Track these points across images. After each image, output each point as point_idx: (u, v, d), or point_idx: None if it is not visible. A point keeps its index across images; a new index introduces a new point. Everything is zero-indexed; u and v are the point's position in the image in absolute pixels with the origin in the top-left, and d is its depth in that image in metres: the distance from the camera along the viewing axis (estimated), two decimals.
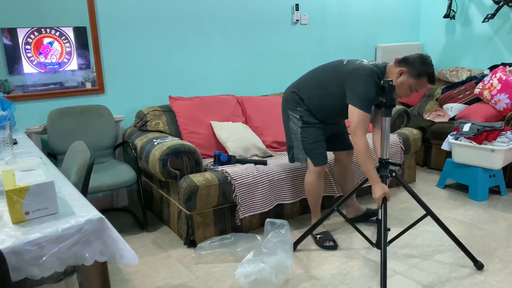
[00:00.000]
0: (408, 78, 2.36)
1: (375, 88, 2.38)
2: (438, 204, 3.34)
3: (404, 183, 2.43)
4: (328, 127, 2.72)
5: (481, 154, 3.30)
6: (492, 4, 4.30)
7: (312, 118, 2.64)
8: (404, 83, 2.38)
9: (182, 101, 3.35)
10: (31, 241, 1.25)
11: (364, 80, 2.38)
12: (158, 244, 2.83)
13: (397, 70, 2.40)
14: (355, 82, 2.40)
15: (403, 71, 2.38)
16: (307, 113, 2.63)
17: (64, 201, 1.50)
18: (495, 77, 3.87)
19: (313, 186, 2.73)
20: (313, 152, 2.67)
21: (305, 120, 2.64)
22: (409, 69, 2.36)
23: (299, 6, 4.08)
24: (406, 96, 2.48)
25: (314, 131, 2.64)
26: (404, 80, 2.37)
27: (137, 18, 3.35)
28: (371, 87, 2.37)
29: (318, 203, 2.78)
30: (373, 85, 2.38)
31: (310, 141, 2.65)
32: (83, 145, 2.02)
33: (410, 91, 2.40)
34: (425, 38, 5.07)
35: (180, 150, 2.73)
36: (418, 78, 2.35)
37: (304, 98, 2.64)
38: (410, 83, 2.37)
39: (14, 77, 2.98)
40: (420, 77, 2.34)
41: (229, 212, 2.81)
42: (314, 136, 2.64)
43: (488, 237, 2.79)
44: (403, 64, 2.40)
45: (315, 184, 2.72)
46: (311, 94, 2.62)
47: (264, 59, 4.02)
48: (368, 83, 2.38)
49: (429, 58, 2.38)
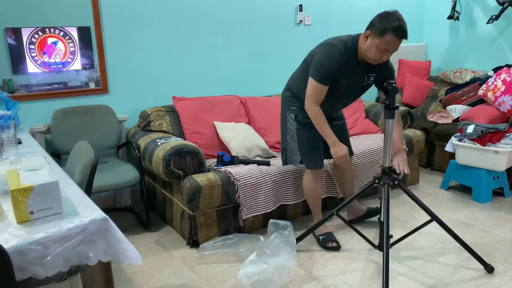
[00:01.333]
0: (373, 38, 2.28)
1: (336, 58, 2.35)
2: (442, 205, 3.33)
3: (408, 190, 2.41)
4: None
5: (485, 156, 3.29)
6: (496, 5, 4.28)
7: (306, 116, 2.58)
8: (371, 46, 2.30)
9: (185, 101, 3.35)
10: (35, 240, 1.25)
11: (323, 50, 2.40)
12: (161, 244, 2.83)
13: (363, 36, 2.34)
14: (317, 54, 2.43)
15: (367, 34, 2.32)
16: (301, 110, 2.60)
17: (68, 201, 1.51)
18: (499, 79, 3.85)
19: (310, 187, 2.73)
20: (307, 155, 2.67)
21: (299, 121, 2.63)
22: (372, 29, 2.30)
23: (302, 7, 4.08)
24: (380, 60, 2.35)
25: (309, 132, 2.60)
26: (370, 43, 2.30)
27: (141, 18, 3.35)
28: (330, 57, 2.36)
29: (318, 204, 2.78)
30: (334, 55, 2.35)
31: (305, 143, 2.64)
32: (87, 145, 2.02)
33: (380, 52, 2.29)
34: (429, 39, 5.06)
35: (183, 151, 2.73)
36: (382, 36, 2.24)
37: (295, 93, 2.62)
38: (376, 43, 2.27)
39: (18, 77, 2.99)
40: (384, 33, 2.23)
41: (232, 212, 2.82)
42: (309, 139, 2.62)
43: (491, 239, 2.78)
44: (368, 27, 2.34)
45: (312, 186, 2.72)
46: (299, 86, 2.60)
47: (267, 60, 4.02)
48: (327, 53, 2.37)
49: (393, 13, 2.26)
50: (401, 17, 2.26)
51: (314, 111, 2.46)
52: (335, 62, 2.36)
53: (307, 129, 2.60)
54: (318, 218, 2.75)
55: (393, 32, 2.22)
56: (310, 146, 2.64)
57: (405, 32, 2.24)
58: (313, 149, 2.65)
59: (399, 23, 2.23)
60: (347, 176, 2.93)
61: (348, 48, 2.39)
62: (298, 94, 2.60)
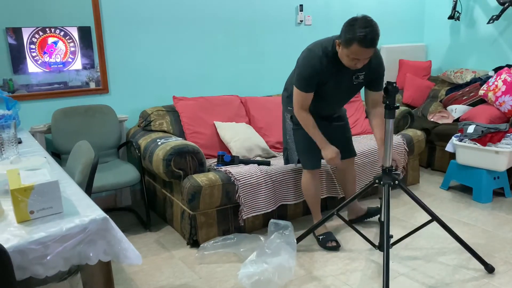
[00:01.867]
0: (342, 48, 2.25)
1: (314, 66, 2.35)
2: (442, 206, 3.33)
3: (408, 190, 2.41)
4: (323, 123, 2.61)
5: (486, 156, 3.29)
6: (497, 6, 4.28)
7: None
8: (342, 54, 2.27)
9: (186, 101, 3.35)
10: (35, 240, 1.25)
11: (302, 58, 2.44)
12: (161, 244, 2.83)
13: (336, 43, 2.31)
14: (298, 62, 2.48)
15: (338, 43, 2.29)
16: None
17: (68, 200, 1.51)
18: (500, 79, 3.85)
19: (307, 188, 2.74)
20: (304, 155, 2.68)
21: (295, 121, 2.63)
22: (340, 39, 2.26)
23: (303, 6, 4.07)
24: (355, 66, 2.30)
25: (305, 133, 2.58)
26: (341, 51, 2.27)
27: (141, 18, 3.35)
28: (308, 65, 2.38)
29: (316, 204, 2.78)
30: (312, 63, 2.36)
31: (301, 144, 2.66)
32: (88, 144, 2.02)
33: (351, 60, 2.25)
34: (430, 39, 5.06)
35: (183, 150, 2.73)
36: (349, 46, 2.18)
37: (291, 94, 2.60)
38: (346, 53, 2.23)
39: (19, 77, 2.99)
40: (350, 44, 2.17)
41: (232, 212, 2.81)
42: (305, 139, 2.61)
43: (492, 239, 2.78)
44: (339, 35, 2.29)
45: (309, 186, 2.73)
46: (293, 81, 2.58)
47: (268, 60, 4.02)
48: (305, 60, 2.40)
49: (360, 20, 2.16)
50: (368, 24, 2.15)
51: (301, 116, 2.51)
52: (313, 70, 2.37)
53: (303, 129, 2.59)
54: (318, 218, 2.75)
55: (358, 43, 2.15)
56: (306, 146, 2.65)
57: (371, 41, 2.15)
58: (309, 149, 2.65)
59: (364, 33, 2.13)
60: (348, 176, 2.93)
61: (328, 51, 2.36)
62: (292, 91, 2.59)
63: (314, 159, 2.68)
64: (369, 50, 2.20)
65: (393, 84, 2.22)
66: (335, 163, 2.57)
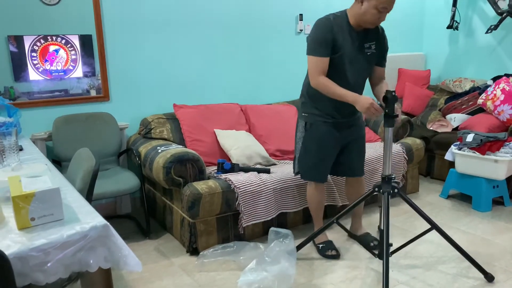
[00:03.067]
0: (370, 0, 2.26)
1: (323, 28, 2.37)
2: (441, 214, 3.33)
3: (407, 199, 2.42)
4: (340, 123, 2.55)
5: (485, 165, 3.29)
6: (495, 15, 4.32)
7: (318, 116, 2.53)
8: (369, 8, 2.28)
9: (186, 109, 3.37)
10: (36, 247, 1.26)
11: (312, 28, 2.44)
12: (161, 251, 2.83)
13: (358, 2, 2.33)
14: (310, 33, 2.47)
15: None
16: (312, 109, 2.54)
17: (69, 207, 1.51)
18: (498, 88, 3.87)
19: (311, 197, 2.73)
20: (311, 165, 2.62)
21: (307, 128, 2.56)
22: None
23: (303, 16, 4.11)
24: (378, 21, 2.33)
25: (316, 143, 2.55)
26: (367, 5, 2.28)
27: (143, 26, 3.38)
28: (318, 27, 2.39)
29: (319, 212, 2.77)
30: (322, 23, 2.38)
31: (312, 153, 2.59)
32: (89, 152, 2.03)
33: (378, 12, 2.27)
34: (429, 48, 5.09)
35: (184, 158, 2.74)
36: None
37: (305, 93, 2.58)
38: (374, 4, 2.25)
39: (20, 84, 3.01)
40: None
41: (232, 220, 2.82)
42: (317, 149, 2.56)
43: (491, 248, 2.78)
44: None
45: (313, 196, 2.71)
46: (305, 82, 2.58)
47: (268, 68, 4.04)
48: (315, 27, 2.41)
49: None
50: None
51: (320, 83, 2.39)
52: (325, 29, 2.37)
53: (314, 139, 2.56)
54: (319, 226, 2.74)
55: None
56: (316, 156, 2.59)
57: None
58: (319, 160, 2.60)
59: None
60: (357, 195, 2.75)
61: (337, 16, 2.41)
62: (307, 91, 2.57)
63: (322, 171, 2.64)
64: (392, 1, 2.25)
65: (392, 93, 2.23)
66: (373, 112, 2.26)
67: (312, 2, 4.15)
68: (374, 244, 2.69)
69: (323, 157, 2.60)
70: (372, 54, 2.49)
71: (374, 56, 2.50)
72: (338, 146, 2.62)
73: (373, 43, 2.47)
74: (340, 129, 2.57)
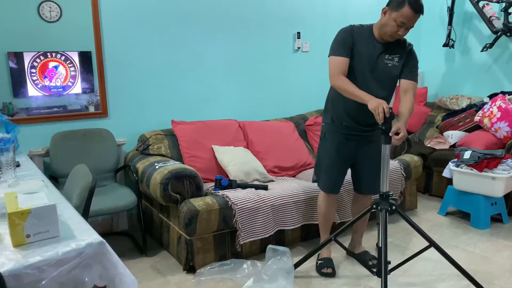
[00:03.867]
0: (391, 13, 2.37)
1: (344, 32, 2.47)
2: (440, 232, 3.32)
3: (406, 216, 2.41)
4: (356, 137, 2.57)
5: (482, 182, 3.29)
6: (490, 34, 4.37)
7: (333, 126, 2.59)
8: (389, 20, 2.37)
9: (184, 125, 3.37)
10: (31, 264, 1.25)
11: (336, 34, 2.51)
12: (157, 269, 2.80)
13: (382, 12, 2.43)
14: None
15: (385, 10, 2.41)
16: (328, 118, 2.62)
17: (65, 224, 1.50)
18: (495, 105, 3.90)
19: (319, 205, 2.75)
20: (322, 174, 2.67)
21: (325, 132, 2.64)
22: (390, 5, 2.39)
23: (300, 34, 4.15)
24: (396, 35, 2.39)
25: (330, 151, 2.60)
26: (388, 17, 2.38)
27: (142, 44, 3.41)
28: (340, 33, 2.49)
29: (325, 225, 2.75)
30: (344, 29, 2.48)
31: (326, 161, 2.64)
32: (86, 168, 2.03)
33: (397, 25, 2.35)
34: (425, 66, 5.14)
35: (181, 174, 2.73)
36: (400, 9, 2.32)
37: (327, 100, 2.68)
38: (394, 16, 2.35)
39: (19, 100, 3.01)
40: (401, 6, 2.32)
41: (230, 237, 2.79)
42: (331, 157, 2.61)
43: (490, 266, 2.76)
44: (387, 4, 2.42)
45: (321, 205, 2.73)
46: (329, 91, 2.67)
47: (266, 85, 4.07)
48: (338, 32, 2.50)
49: None
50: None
51: (340, 81, 2.43)
52: (346, 33, 2.46)
53: (327, 149, 2.62)
54: (325, 238, 2.72)
55: (409, 5, 2.30)
56: (329, 165, 2.64)
57: (421, 6, 2.33)
58: (330, 169, 2.64)
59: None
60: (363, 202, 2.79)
61: (362, 26, 2.51)
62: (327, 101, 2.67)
63: (331, 182, 2.66)
64: (416, 17, 2.33)
65: (389, 110, 2.25)
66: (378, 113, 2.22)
67: (310, 20, 4.20)
68: (372, 262, 2.68)
69: (332, 168, 2.64)
70: (394, 67, 2.51)
71: (396, 69, 2.52)
72: (349, 160, 2.65)
73: (397, 56, 2.51)
74: (355, 142, 2.59)
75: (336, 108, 2.59)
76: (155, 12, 3.43)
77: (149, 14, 3.41)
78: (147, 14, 3.40)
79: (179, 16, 3.55)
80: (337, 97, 2.53)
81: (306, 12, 4.18)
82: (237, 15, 3.82)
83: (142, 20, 3.39)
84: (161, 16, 3.46)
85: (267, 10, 3.97)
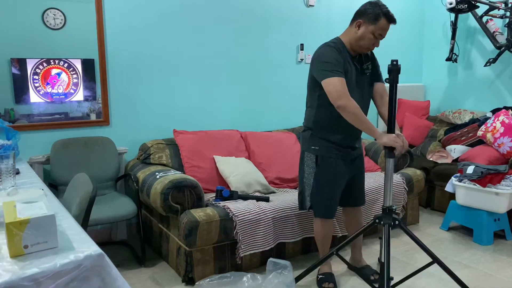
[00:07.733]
0: (367, 26, 2.35)
1: (333, 51, 2.37)
2: (442, 247, 3.28)
3: (408, 231, 2.38)
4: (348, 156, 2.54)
5: (486, 197, 3.26)
6: (493, 49, 4.37)
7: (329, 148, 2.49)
8: (366, 33, 2.36)
9: (186, 135, 3.35)
10: (28, 276, 1.21)
11: (317, 54, 2.44)
12: (156, 280, 2.76)
13: (354, 25, 2.40)
14: (315, 61, 2.45)
15: (359, 23, 2.38)
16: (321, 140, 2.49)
17: (64, 234, 1.47)
18: (498, 120, 3.88)
19: (319, 231, 2.65)
20: (322, 202, 2.56)
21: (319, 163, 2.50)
22: (364, 18, 2.37)
23: (303, 46, 4.16)
24: (372, 47, 2.42)
25: (327, 177, 2.50)
26: (364, 30, 2.36)
27: (145, 53, 3.41)
28: (327, 52, 2.39)
29: (325, 246, 2.68)
30: (329, 48, 2.39)
31: (325, 188, 2.53)
32: (86, 177, 2.00)
33: (374, 37, 2.37)
34: (428, 80, 5.14)
35: (182, 184, 2.71)
36: (377, 22, 2.33)
37: (312, 126, 2.53)
38: (371, 29, 2.34)
39: (20, 106, 3.00)
40: (378, 19, 2.33)
41: (230, 249, 2.76)
42: (330, 184, 2.52)
43: (494, 283, 2.72)
44: (357, 17, 2.41)
45: (321, 231, 2.64)
46: (310, 114, 2.56)
47: (268, 96, 4.06)
48: (321, 52, 2.42)
49: (379, 1, 2.39)
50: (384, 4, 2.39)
51: (351, 105, 2.29)
52: (334, 52, 2.38)
53: (328, 174, 2.51)
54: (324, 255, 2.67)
55: (385, 17, 2.33)
56: (328, 192, 2.53)
57: (394, 17, 2.37)
58: (329, 197, 2.54)
59: (387, 9, 2.36)
60: (356, 225, 2.77)
61: (335, 42, 2.45)
62: (314, 124, 2.52)
63: (333, 207, 2.59)
64: (388, 27, 2.37)
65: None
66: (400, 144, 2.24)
67: (313, 32, 4.21)
68: (374, 277, 2.63)
69: (337, 192, 2.56)
70: (371, 74, 2.58)
71: (372, 75, 2.59)
72: (345, 181, 2.60)
73: (369, 63, 2.56)
74: (348, 162, 2.57)
75: (328, 131, 2.49)
76: (158, 22, 3.44)
77: (153, 24, 3.42)
78: (150, 23, 3.41)
79: (182, 26, 3.55)
80: (327, 118, 2.46)
81: (310, 24, 4.19)
82: (240, 26, 3.82)
83: (146, 29, 3.39)
84: (164, 25, 3.47)
85: (271, 22, 3.98)
